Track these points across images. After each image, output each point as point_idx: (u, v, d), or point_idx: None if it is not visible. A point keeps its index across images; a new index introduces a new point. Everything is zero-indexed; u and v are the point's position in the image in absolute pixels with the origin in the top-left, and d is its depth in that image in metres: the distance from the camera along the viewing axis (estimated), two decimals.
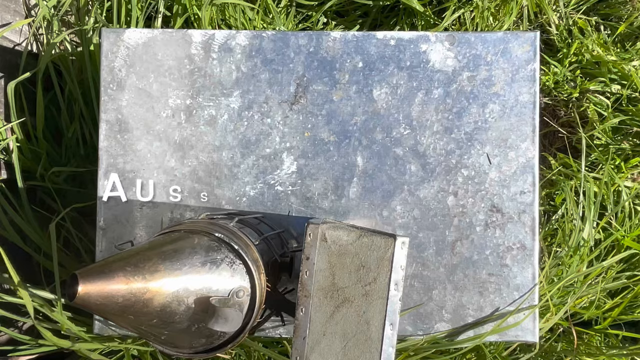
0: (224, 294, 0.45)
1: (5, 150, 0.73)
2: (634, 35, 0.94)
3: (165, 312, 0.42)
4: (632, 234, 0.81)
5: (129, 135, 0.64)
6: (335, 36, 0.65)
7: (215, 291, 0.45)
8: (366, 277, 0.49)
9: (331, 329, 0.49)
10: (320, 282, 0.49)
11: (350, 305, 0.49)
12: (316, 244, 0.49)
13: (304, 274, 0.49)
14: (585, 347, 0.78)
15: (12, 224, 0.70)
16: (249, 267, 0.47)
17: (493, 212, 0.65)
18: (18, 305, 0.66)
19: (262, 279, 0.49)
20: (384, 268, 0.48)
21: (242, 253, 0.47)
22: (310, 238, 0.50)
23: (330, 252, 0.49)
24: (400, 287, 0.48)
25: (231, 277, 0.46)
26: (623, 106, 0.89)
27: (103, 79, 0.65)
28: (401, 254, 0.48)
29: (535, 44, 0.65)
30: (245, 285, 0.47)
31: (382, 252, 0.48)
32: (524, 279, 0.64)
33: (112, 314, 0.40)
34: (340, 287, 0.49)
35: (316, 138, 0.65)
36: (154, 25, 0.81)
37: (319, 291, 0.49)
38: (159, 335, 0.46)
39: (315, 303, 0.49)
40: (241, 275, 0.47)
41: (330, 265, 0.49)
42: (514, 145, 0.65)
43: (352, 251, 0.49)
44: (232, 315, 0.44)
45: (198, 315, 0.44)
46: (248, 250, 0.48)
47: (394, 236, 0.48)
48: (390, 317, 0.48)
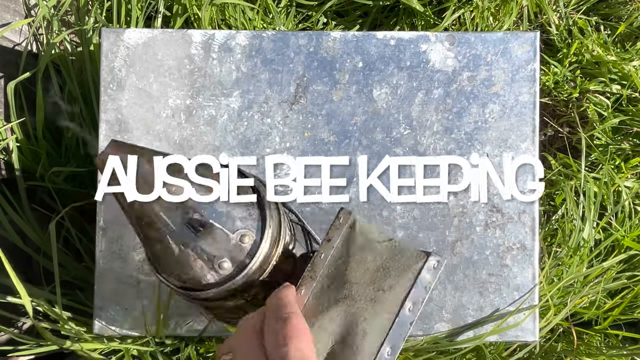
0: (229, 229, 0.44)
1: (5, 150, 0.73)
2: (634, 35, 0.94)
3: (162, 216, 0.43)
4: (632, 234, 0.81)
5: (129, 135, 0.64)
6: (335, 36, 0.65)
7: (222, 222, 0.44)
8: (381, 282, 0.41)
9: (324, 323, 0.40)
10: (332, 269, 0.43)
11: (352, 304, 0.40)
12: (342, 228, 0.44)
13: (319, 255, 0.44)
14: (585, 347, 0.78)
15: (12, 224, 0.70)
16: (265, 219, 0.45)
17: (493, 212, 0.65)
18: (18, 305, 0.66)
19: (278, 244, 0.46)
20: (405, 280, 0.41)
21: (264, 203, 0.46)
22: (339, 222, 0.44)
23: (354, 242, 0.43)
24: (416, 311, 0.40)
25: (244, 217, 0.45)
26: (623, 106, 0.89)
27: (103, 79, 0.65)
28: (431, 274, 0.41)
29: (535, 44, 0.65)
30: (254, 233, 0.45)
31: (409, 263, 0.41)
32: (524, 279, 0.64)
33: None
34: (350, 281, 0.42)
35: (316, 138, 0.65)
36: (154, 25, 0.81)
37: (326, 278, 0.43)
38: (152, 250, 0.45)
39: (316, 288, 0.42)
40: (254, 225, 0.45)
41: (349, 254, 0.43)
42: (514, 145, 0.65)
43: (377, 249, 0.43)
44: (220, 238, 0.43)
45: (192, 231, 0.43)
46: (273, 213, 0.47)
47: (430, 253, 0.42)
48: (393, 340, 0.40)
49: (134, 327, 0.64)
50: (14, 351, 0.67)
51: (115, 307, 0.63)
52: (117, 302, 0.63)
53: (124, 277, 0.64)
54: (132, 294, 0.64)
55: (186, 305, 0.64)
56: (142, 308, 0.63)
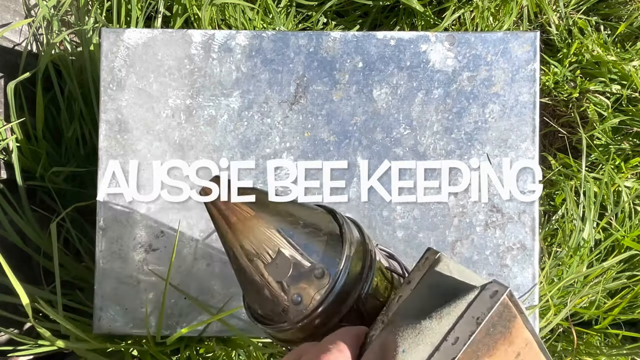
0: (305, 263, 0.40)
1: (5, 150, 0.73)
2: (634, 35, 0.94)
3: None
4: (632, 234, 0.81)
5: (129, 135, 0.64)
6: (335, 36, 0.65)
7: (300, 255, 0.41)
8: (431, 311, 0.35)
9: (363, 352, 0.36)
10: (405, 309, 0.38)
11: (394, 331, 0.35)
12: (425, 269, 0.39)
13: (396, 298, 0.39)
14: (585, 347, 0.78)
15: (12, 224, 0.70)
16: (348, 254, 0.41)
17: (493, 212, 0.65)
18: (18, 305, 0.66)
19: (367, 281, 0.41)
20: (456, 310, 0.34)
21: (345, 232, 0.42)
22: (423, 262, 0.39)
23: (431, 279, 0.38)
24: (461, 345, 0.33)
25: (322, 252, 0.41)
26: (623, 106, 0.89)
27: (103, 79, 0.65)
28: (485, 305, 0.33)
29: (535, 44, 0.65)
30: (331, 270, 0.40)
31: (466, 291, 0.35)
32: (524, 279, 0.64)
33: None
34: (399, 308, 0.38)
35: (316, 138, 0.65)
36: (154, 25, 0.81)
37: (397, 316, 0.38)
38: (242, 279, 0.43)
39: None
40: (332, 257, 0.41)
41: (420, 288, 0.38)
42: (514, 145, 0.65)
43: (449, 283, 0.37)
44: (283, 262, 0.39)
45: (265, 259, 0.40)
46: (357, 247, 0.42)
47: (491, 281, 0.36)
48: None
49: (134, 327, 0.64)
50: (14, 351, 0.67)
51: (115, 307, 0.64)
52: (117, 302, 0.63)
53: (124, 277, 0.64)
54: (132, 294, 0.64)
55: (186, 305, 0.64)
56: (142, 308, 0.63)
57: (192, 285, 0.64)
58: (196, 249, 0.64)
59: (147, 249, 0.64)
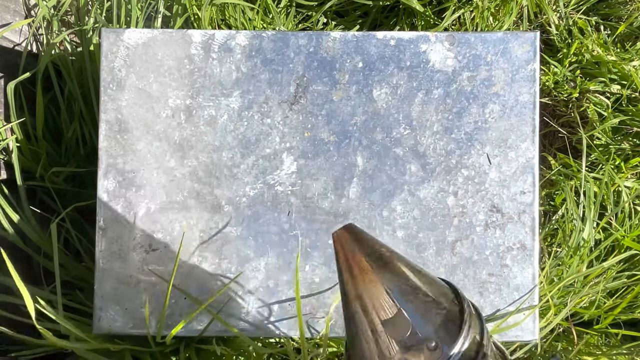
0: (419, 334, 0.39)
1: (5, 150, 0.73)
2: (634, 35, 0.94)
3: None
4: (632, 234, 0.81)
5: (129, 135, 0.64)
6: (335, 36, 0.65)
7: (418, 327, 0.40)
8: None
9: None
10: None
11: None
12: None
13: None
14: (585, 347, 0.78)
15: (12, 224, 0.70)
16: (466, 334, 0.39)
17: (493, 212, 0.65)
18: (18, 305, 0.66)
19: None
20: None
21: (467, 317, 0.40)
22: None
23: None
24: None
25: (439, 325, 0.40)
26: (623, 106, 0.89)
27: (103, 79, 0.65)
28: None
29: (535, 44, 0.65)
30: (444, 346, 0.39)
31: None
32: (524, 279, 0.64)
33: None
34: None
35: (316, 138, 0.65)
36: (154, 25, 0.81)
37: None
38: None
39: None
40: (449, 334, 0.40)
41: None
42: (514, 145, 0.65)
43: None
44: (402, 323, 0.39)
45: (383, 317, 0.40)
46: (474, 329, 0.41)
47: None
48: None
49: (134, 327, 0.64)
50: (14, 351, 0.67)
51: (115, 307, 0.64)
52: (117, 302, 0.64)
53: (124, 277, 0.64)
54: (132, 294, 0.64)
55: (186, 305, 0.64)
56: (142, 308, 0.63)
57: (192, 285, 0.64)
58: (196, 249, 0.64)
59: (147, 249, 0.64)
